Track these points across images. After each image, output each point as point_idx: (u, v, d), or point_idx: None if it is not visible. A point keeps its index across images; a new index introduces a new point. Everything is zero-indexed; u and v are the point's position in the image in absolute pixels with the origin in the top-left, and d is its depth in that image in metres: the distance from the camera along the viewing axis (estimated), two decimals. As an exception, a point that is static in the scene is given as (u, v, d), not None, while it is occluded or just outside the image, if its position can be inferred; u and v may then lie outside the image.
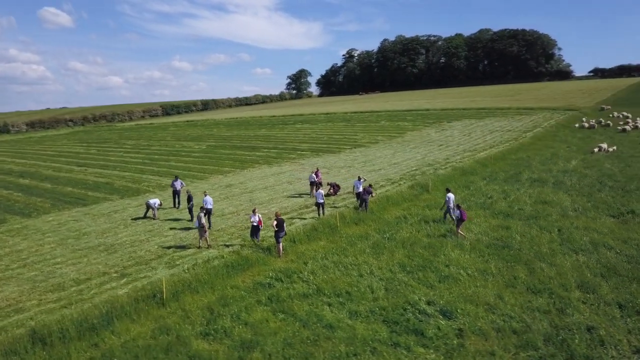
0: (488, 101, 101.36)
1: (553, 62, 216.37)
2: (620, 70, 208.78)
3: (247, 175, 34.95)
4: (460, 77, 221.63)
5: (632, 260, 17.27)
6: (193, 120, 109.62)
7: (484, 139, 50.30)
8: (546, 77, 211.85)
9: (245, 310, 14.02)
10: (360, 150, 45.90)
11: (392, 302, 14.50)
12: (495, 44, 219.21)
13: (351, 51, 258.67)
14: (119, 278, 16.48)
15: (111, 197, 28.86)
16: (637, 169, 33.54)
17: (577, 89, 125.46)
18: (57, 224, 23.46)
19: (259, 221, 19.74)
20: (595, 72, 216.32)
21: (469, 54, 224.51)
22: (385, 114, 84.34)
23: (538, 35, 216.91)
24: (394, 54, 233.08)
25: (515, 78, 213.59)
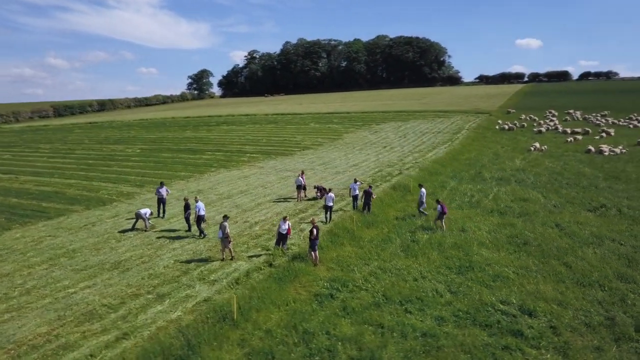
0: (401, 104, 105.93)
1: (444, 69, 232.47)
2: (502, 77, 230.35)
3: (212, 180, 32.94)
4: (360, 81, 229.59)
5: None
6: (97, 122, 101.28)
7: (421, 140, 52.30)
8: (439, 82, 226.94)
9: (330, 325, 13.08)
10: (311, 153, 45.45)
11: (467, 305, 14.42)
12: (392, 50, 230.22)
13: (253, 53, 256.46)
14: (157, 299, 14.56)
15: (74, 208, 25.51)
16: (576, 167, 36.93)
17: (474, 94, 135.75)
18: (32, 241, 20.18)
19: (288, 229, 18.58)
20: (481, 79, 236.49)
21: (368, 58, 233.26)
22: (310, 116, 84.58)
23: (430, 43, 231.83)
24: (297, 56, 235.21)
25: (411, 82, 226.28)
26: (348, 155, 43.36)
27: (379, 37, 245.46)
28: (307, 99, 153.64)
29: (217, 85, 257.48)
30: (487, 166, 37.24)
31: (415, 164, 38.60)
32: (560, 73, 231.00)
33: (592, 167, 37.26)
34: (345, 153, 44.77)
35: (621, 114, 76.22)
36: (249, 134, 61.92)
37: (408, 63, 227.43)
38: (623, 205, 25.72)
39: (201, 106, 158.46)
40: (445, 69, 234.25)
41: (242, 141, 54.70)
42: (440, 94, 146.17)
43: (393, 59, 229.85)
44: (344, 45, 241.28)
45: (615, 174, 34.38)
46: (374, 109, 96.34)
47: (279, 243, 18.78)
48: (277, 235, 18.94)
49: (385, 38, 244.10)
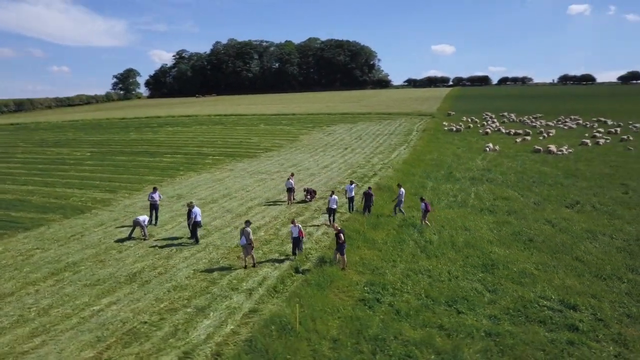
0: (343, 107, 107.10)
1: (375, 72, 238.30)
2: (429, 81, 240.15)
3: (187, 184, 31.40)
4: (293, 83, 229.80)
5: (636, 243, 20.22)
6: (20, 124, 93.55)
7: (378, 142, 53.09)
8: (369, 85, 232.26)
9: (394, 330, 12.80)
10: (276, 155, 44.70)
11: (511, 302, 14.71)
12: (324, 53, 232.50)
13: (181, 52, 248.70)
14: (198, 313, 13.55)
15: (51, 217, 23.24)
16: (535, 166, 39.09)
17: (408, 97, 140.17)
18: (20, 255, 18.09)
19: (299, 232, 18.04)
20: (409, 82, 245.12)
21: (301, 60, 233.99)
22: (256, 118, 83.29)
23: (361, 46, 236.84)
24: (228, 57, 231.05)
25: (343, 85, 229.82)
26: (314, 157, 43.07)
27: (310, 39, 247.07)
28: (245, 100, 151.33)
29: (144, 85, 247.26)
30: (454, 166, 38.42)
31: (384, 165, 39.05)
32: (481, 78, 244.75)
33: (548, 166, 39.58)
34: (310, 155, 44.46)
35: (549, 116, 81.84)
36: (200, 136, 59.84)
37: (340, 66, 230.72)
38: (594, 202, 27.48)
39: (131, 107, 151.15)
40: (376, 72, 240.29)
41: (196, 143, 52.71)
42: (375, 96, 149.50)
43: (325, 62, 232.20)
44: (276, 47, 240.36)
45: (572, 172, 36.74)
46: (318, 110, 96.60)
47: (295, 248, 18.17)
48: (292, 240, 18.35)
49: (316, 40, 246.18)
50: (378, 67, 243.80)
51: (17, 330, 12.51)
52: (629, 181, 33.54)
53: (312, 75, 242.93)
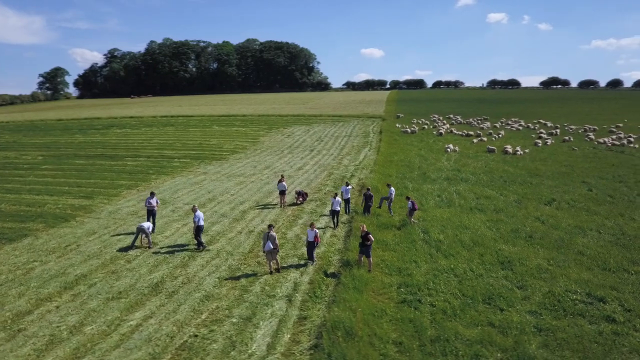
0: (290, 108, 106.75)
1: (314, 74, 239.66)
2: (367, 84, 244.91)
3: (165, 188, 29.96)
4: (232, 84, 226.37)
5: (624, 237, 21.57)
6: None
7: (340, 144, 53.36)
8: (309, 87, 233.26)
9: (449, 330, 12.83)
10: (244, 157, 43.70)
11: (543, 297, 15.23)
12: (263, 54, 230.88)
13: (113, 51, 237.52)
14: (246, 323, 12.93)
15: (35, 227, 21.28)
16: (499, 166, 40.81)
17: (352, 100, 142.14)
18: (18, 269, 16.39)
19: (315, 237, 17.68)
20: (348, 85, 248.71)
21: (239, 61, 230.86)
22: (207, 119, 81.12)
23: (300, 48, 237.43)
24: (164, 57, 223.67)
25: (282, 87, 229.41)
26: (283, 159, 42.57)
27: (248, 40, 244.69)
28: (185, 101, 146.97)
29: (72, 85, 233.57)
30: (424, 167, 39.29)
31: (357, 166, 39.29)
32: (417, 81, 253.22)
33: (510, 166, 41.45)
34: (279, 157, 43.90)
35: (493, 118, 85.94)
36: (154, 138, 57.41)
37: (279, 68, 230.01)
38: (567, 199, 29.06)
39: (63, 107, 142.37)
40: (315, 75, 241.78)
41: (154, 145, 50.51)
42: (319, 98, 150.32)
43: (264, 63, 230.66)
44: (214, 47, 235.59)
45: (534, 171, 38.70)
46: (266, 112, 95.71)
47: (310, 253, 17.76)
48: (306, 243, 17.98)
49: (255, 42, 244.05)
50: (317, 70, 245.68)
51: (57, 351, 11.34)
52: (588, 179, 35.81)
53: (252, 77, 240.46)
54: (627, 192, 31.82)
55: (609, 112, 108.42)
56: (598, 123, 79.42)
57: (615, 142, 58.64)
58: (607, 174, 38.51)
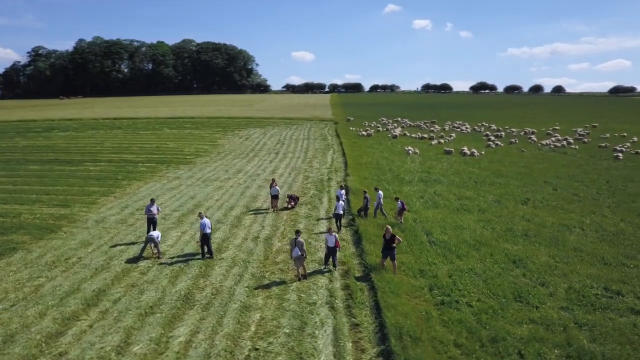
0: (236, 110, 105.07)
1: (253, 76, 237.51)
2: (306, 87, 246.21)
3: (144, 195, 28.49)
4: (169, 85, 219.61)
5: (607, 234, 22.99)
6: None
7: (302, 147, 53.21)
8: (248, 89, 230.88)
9: (503, 330, 13.10)
10: (212, 161, 42.45)
11: (566, 292, 15.92)
12: (201, 55, 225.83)
13: (38, 49, 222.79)
14: (301, 333, 12.54)
15: (21, 239, 19.36)
16: (464, 168, 42.31)
17: (296, 103, 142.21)
18: (24, 287, 14.87)
19: (335, 242, 17.45)
20: (288, 87, 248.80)
21: (176, 62, 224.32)
22: (154, 121, 78.05)
23: (239, 50, 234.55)
24: (95, 56, 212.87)
25: (221, 89, 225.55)
26: (252, 163, 41.80)
27: (185, 41, 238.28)
28: (122, 103, 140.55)
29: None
30: (394, 169, 39.97)
31: (329, 169, 39.31)
32: (355, 85, 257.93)
33: (473, 167, 43.10)
34: (247, 160, 43.08)
35: (439, 121, 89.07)
36: (106, 141, 54.42)
37: (218, 69, 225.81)
38: (539, 199, 30.61)
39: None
40: (254, 77, 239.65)
41: (109, 149, 47.88)
42: (263, 101, 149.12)
43: (202, 65, 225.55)
44: (148, 47, 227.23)
45: (497, 172, 40.50)
46: (213, 114, 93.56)
47: (328, 258, 17.52)
48: (327, 249, 17.76)
49: (192, 42, 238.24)
50: (256, 72, 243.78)
51: (114, 375, 10.41)
52: (548, 179, 37.94)
53: (189, 78, 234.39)
54: (587, 190, 33.99)
55: (541, 116, 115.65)
56: (533, 126, 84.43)
57: (557, 144, 62.57)
58: (562, 174, 41.00)
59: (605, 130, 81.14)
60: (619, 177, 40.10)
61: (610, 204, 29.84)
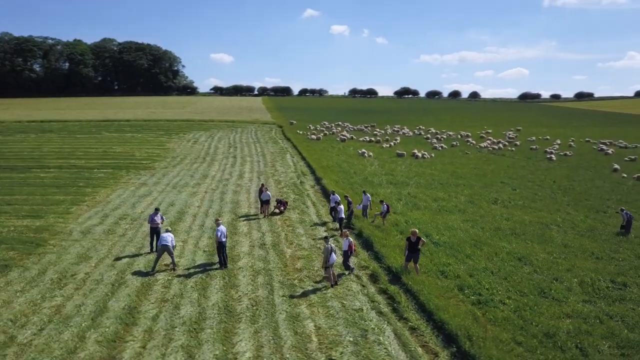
0: (170, 113, 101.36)
1: (179, 78, 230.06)
2: (235, 89, 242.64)
3: (118, 203, 26.73)
4: (88, 86, 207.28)
5: (584, 230, 24.71)
6: None
7: (256, 150, 52.43)
8: (174, 91, 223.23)
9: (548, 325, 13.68)
10: (170, 166, 40.51)
11: (581, 286, 16.94)
12: (123, 55, 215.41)
13: None
14: (366, 341, 12.33)
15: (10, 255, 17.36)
16: (423, 170, 43.70)
17: (230, 105, 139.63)
18: (43, 308, 13.39)
19: (349, 245, 17.37)
20: (216, 90, 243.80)
21: (96, 62, 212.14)
22: (88, 124, 73.22)
23: (163, 51, 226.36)
24: (4, 53, 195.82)
25: (145, 90, 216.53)
26: (215, 167, 40.50)
27: (105, 40, 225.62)
28: (44, 104, 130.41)
29: None
30: (360, 172, 40.47)
31: (296, 173, 39.04)
32: (284, 88, 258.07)
33: (430, 169, 44.66)
34: (207, 165, 41.70)
35: (379, 124, 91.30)
36: (43, 146, 50.20)
37: (142, 70, 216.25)
38: (506, 198, 32.33)
39: None
40: (180, 79, 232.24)
41: (51, 154, 44.25)
42: (195, 103, 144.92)
43: (125, 65, 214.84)
44: (64, 46, 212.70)
45: (455, 174, 42.26)
46: (148, 117, 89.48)
47: (346, 262, 17.45)
48: (343, 254, 17.69)
49: (113, 42, 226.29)
50: (182, 74, 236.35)
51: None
52: (503, 180, 40.19)
53: (110, 79, 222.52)
54: (542, 190, 36.39)
55: (467, 120, 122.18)
56: (465, 129, 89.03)
57: (494, 146, 66.39)
58: (512, 175, 43.59)
59: (529, 134, 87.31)
60: (562, 177, 43.30)
61: (569, 202, 32.11)
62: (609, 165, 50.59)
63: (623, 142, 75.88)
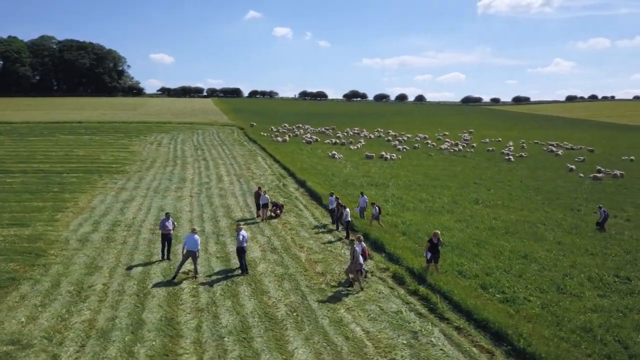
0: (122, 115, 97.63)
1: (125, 78, 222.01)
2: (183, 91, 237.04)
3: (104, 209, 25.42)
4: (25, 86, 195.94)
5: (569, 227, 25.94)
6: None
7: (225, 153, 51.46)
8: (120, 92, 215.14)
9: (579, 320, 14.23)
10: (143, 169, 38.96)
11: (590, 281, 17.78)
12: (64, 54, 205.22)
13: None
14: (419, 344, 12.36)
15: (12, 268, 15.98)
16: (395, 172, 44.43)
17: (183, 107, 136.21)
18: (75, 323, 12.46)
19: (363, 250, 17.12)
20: (163, 91, 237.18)
21: (33, 61, 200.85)
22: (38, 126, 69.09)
23: (107, 50, 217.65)
24: None
25: (87, 91, 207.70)
26: (190, 171, 39.29)
27: (43, 37, 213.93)
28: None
29: None
30: (337, 174, 40.56)
31: (274, 175, 38.69)
32: (234, 90, 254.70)
33: (402, 170, 45.58)
34: (181, 168, 40.47)
35: (339, 127, 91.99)
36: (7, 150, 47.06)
37: (84, 70, 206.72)
38: (484, 199, 33.44)
39: None
40: (126, 79, 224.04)
41: (9, 158, 41.40)
42: (145, 105, 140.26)
43: (66, 65, 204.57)
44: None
45: (429, 175, 43.28)
46: (100, 118, 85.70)
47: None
48: None
49: (52, 40, 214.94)
50: (128, 74, 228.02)
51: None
52: (475, 180, 41.58)
53: (49, 79, 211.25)
54: (514, 189, 37.94)
55: (418, 122, 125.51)
56: (421, 132, 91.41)
57: (454, 148, 68.51)
58: (480, 175, 45.23)
59: (481, 136, 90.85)
60: (526, 177, 45.38)
61: (543, 201, 33.64)
62: (564, 165, 53.50)
63: (568, 143, 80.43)
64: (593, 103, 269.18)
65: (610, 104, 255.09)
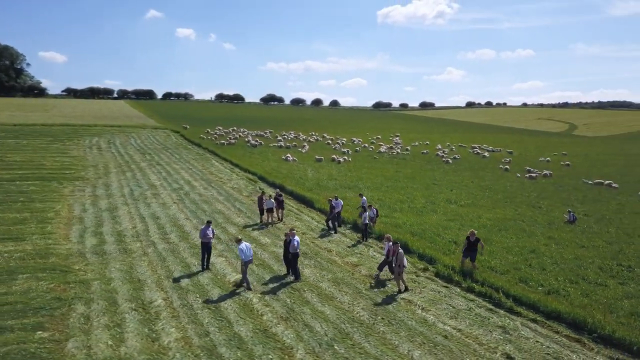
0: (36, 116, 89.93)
1: (24, 77, 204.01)
2: (91, 91, 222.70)
3: (91, 219, 23.51)
4: None
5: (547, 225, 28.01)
6: None
7: (175, 157, 49.43)
8: (19, 92, 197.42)
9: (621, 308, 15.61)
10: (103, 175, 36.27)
11: (602, 270, 19.44)
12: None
13: None
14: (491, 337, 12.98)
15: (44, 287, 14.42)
16: (355, 174, 45.21)
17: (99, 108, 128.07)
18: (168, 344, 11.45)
19: (388, 250, 17.20)
20: (69, 92, 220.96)
21: None
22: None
23: (4, 46, 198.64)
24: None
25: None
26: (156, 176, 37.34)
27: None
28: None
29: None
30: (305, 178, 40.46)
31: (245, 179, 37.95)
32: (147, 91, 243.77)
33: (360, 172, 46.35)
34: (142, 175, 38.19)
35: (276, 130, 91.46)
36: None
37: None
38: (456, 199, 34.91)
39: None
40: (25, 78, 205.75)
41: None
42: (57, 106, 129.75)
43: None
44: None
45: (386, 177, 44.41)
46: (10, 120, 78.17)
47: (382, 267, 17.57)
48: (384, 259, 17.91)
49: None
50: (27, 72, 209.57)
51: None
52: (434, 182, 43.38)
53: None
54: (471, 190, 40.05)
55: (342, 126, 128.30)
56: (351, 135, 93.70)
57: (393, 151, 70.96)
58: (436, 176, 47.16)
59: (408, 139, 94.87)
60: (474, 178, 48.07)
61: (505, 200, 35.88)
62: (497, 166, 57.37)
63: (489, 146, 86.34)
64: (489, 109, 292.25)
65: (504, 109, 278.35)
